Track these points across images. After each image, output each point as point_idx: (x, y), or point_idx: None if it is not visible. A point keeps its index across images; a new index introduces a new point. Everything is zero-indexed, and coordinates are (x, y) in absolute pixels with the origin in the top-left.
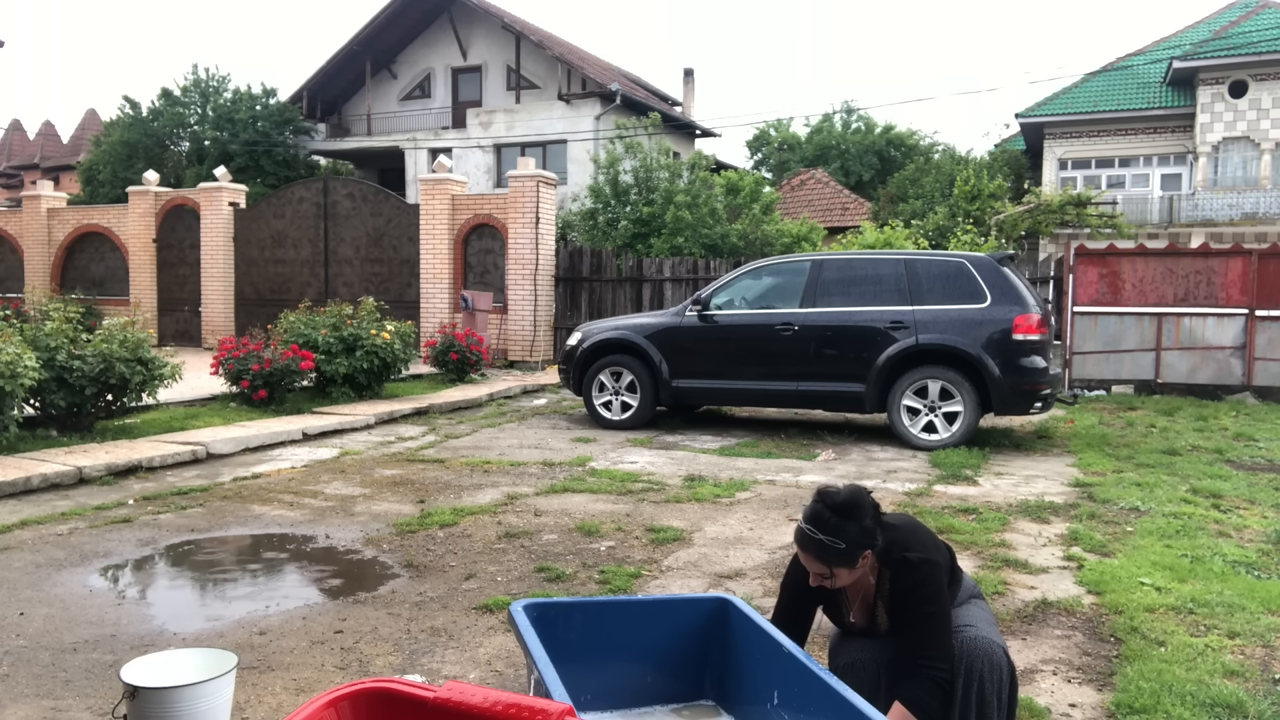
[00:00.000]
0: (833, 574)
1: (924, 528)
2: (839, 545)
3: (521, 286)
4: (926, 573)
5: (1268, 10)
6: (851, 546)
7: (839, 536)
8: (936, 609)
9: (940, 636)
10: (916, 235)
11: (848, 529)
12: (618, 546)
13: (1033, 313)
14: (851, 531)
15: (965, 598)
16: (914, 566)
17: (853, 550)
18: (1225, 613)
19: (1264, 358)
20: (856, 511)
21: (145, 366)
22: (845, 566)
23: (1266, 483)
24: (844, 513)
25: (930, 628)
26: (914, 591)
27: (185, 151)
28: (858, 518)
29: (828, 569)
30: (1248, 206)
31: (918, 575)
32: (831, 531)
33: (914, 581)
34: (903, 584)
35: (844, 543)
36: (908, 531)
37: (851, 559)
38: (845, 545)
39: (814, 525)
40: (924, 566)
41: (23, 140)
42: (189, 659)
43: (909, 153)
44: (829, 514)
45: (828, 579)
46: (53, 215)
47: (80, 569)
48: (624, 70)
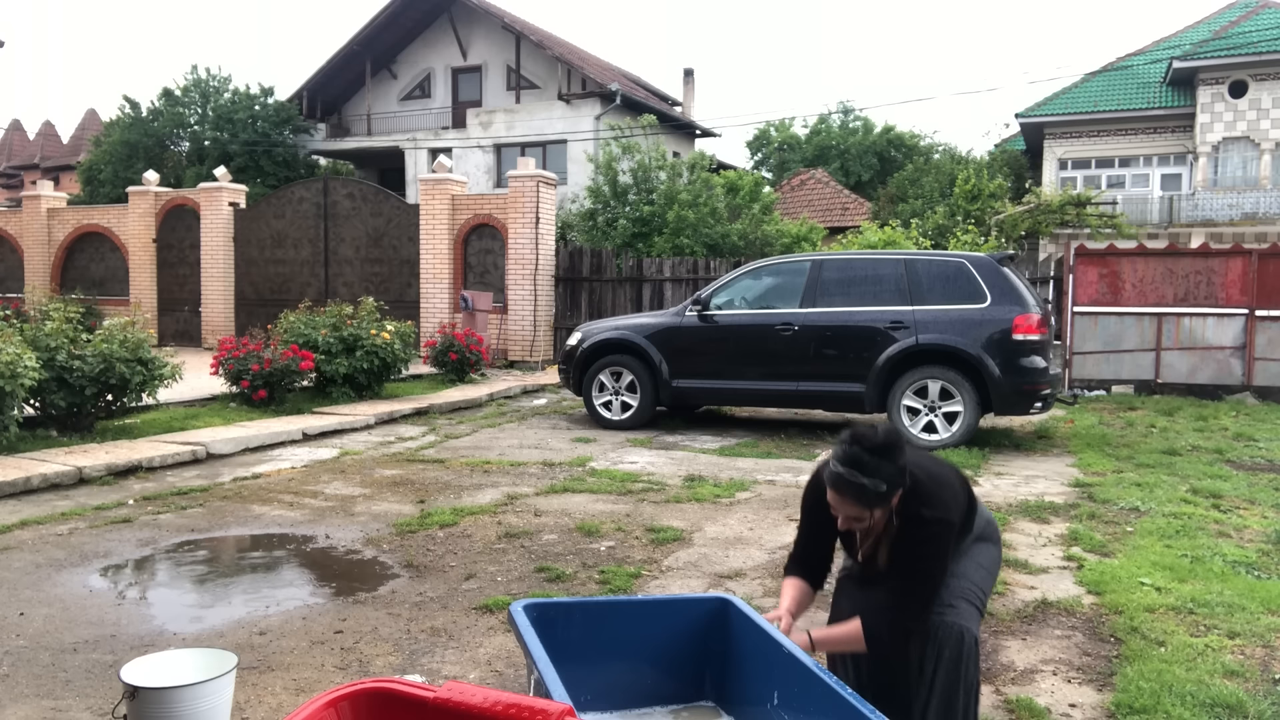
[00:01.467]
0: (870, 515)
1: (946, 472)
2: (880, 488)
3: (521, 286)
4: (935, 532)
5: (1268, 10)
6: (891, 487)
7: (879, 477)
8: (930, 571)
9: (924, 596)
10: (917, 235)
11: (886, 470)
12: (618, 546)
13: (1033, 313)
14: (889, 472)
15: (972, 541)
16: (925, 524)
17: (891, 491)
18: (1225, 613)
19: (1264, 358)
20: (895, 450)
21: (145, 366)
22: (882, 507)
23: (1266, 483)
24: (884, 453)
25: (919, 585)
26: (918, 548)
27: (185, 151)
28: (895, 457)
29: (867, 511)
30: (1248, 206)
31: (926, 533)
32: (871, 473)
33: (921, 538)
34: (910, 537)
35: (885, 483)
36: (930, 482)
37: (889, 499)
38: (886, 486)
39: (853, 468)
40: (934, 526)
41: (23, 140)
42: (189, 659)
43: (909, 153)
44: (868, 456)
45: (862, 521)
46: (53, 215)
47: (80, 569)
48: (624, 70)
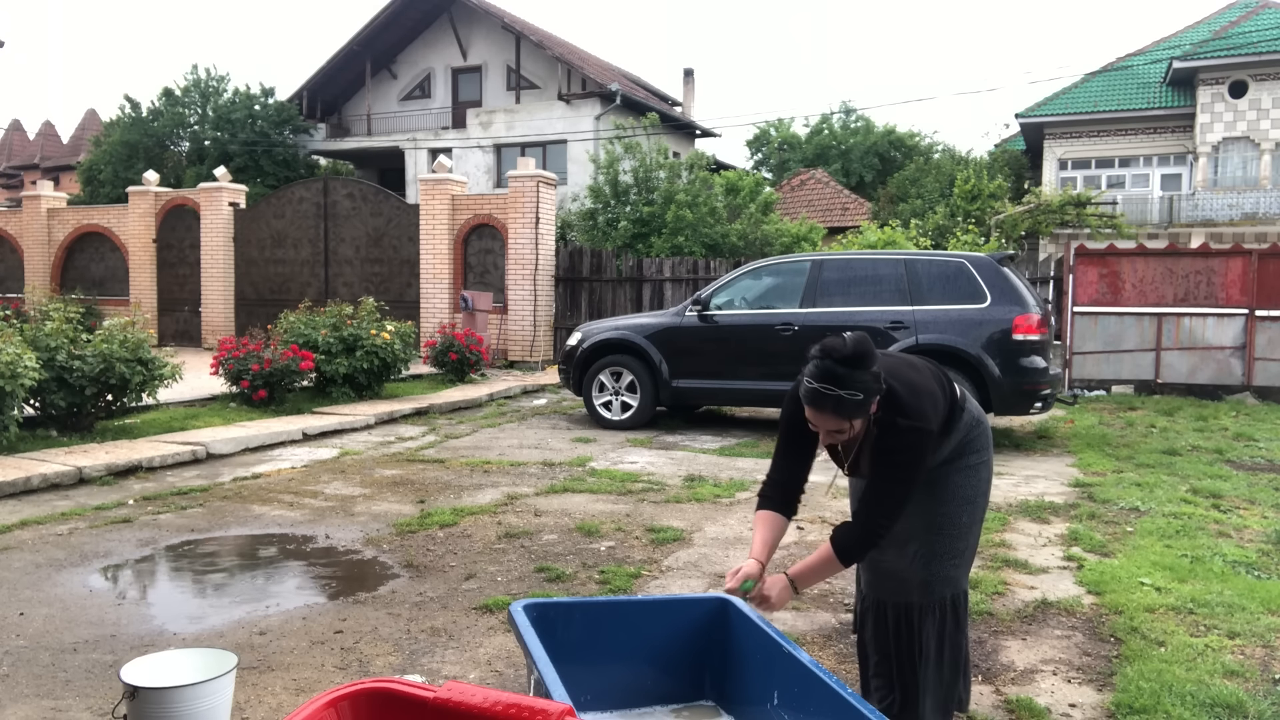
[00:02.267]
0: (850, 426)
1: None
2: (857, 396)
3: (521, 286)
4: (910, 441)
5: (1268, 10)
6: (868, 395)
7: (855, 388)
8: (903, 477)
9: (893, 503)
10: (917, 236)
11: (860, 378)
12: (618, 546)
13: (1033, 313)
14: (865, 380)
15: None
16: (900, 433)
17: (869, 399)
18: (1225, 613)
19: (1264, 358)
20: (867, 359)
21: (145, 367)
22: (861, 416)
23: (1266, 483)
24: (856, 363)
25: (889, 492)
26: (891, 455)
27: (185, 151)
28: (868, 364)
29: (846, 422)
30: (1248, 206)
31: (901, 442)
32: (847, 384)
33: (895, 446)
34: (885, 444)
35: (861, 392)
36: (906, 390)
37: (867, 408)
38: (863, 395)
39: (828, 381)
40: (909, 434)
41: (23, 140)
42: (189, 659)
43: (909, 153)
44: (841, 367)
45: (843, 433)
46: (53, 215)
47: (80, 569)
48: (624, 70)
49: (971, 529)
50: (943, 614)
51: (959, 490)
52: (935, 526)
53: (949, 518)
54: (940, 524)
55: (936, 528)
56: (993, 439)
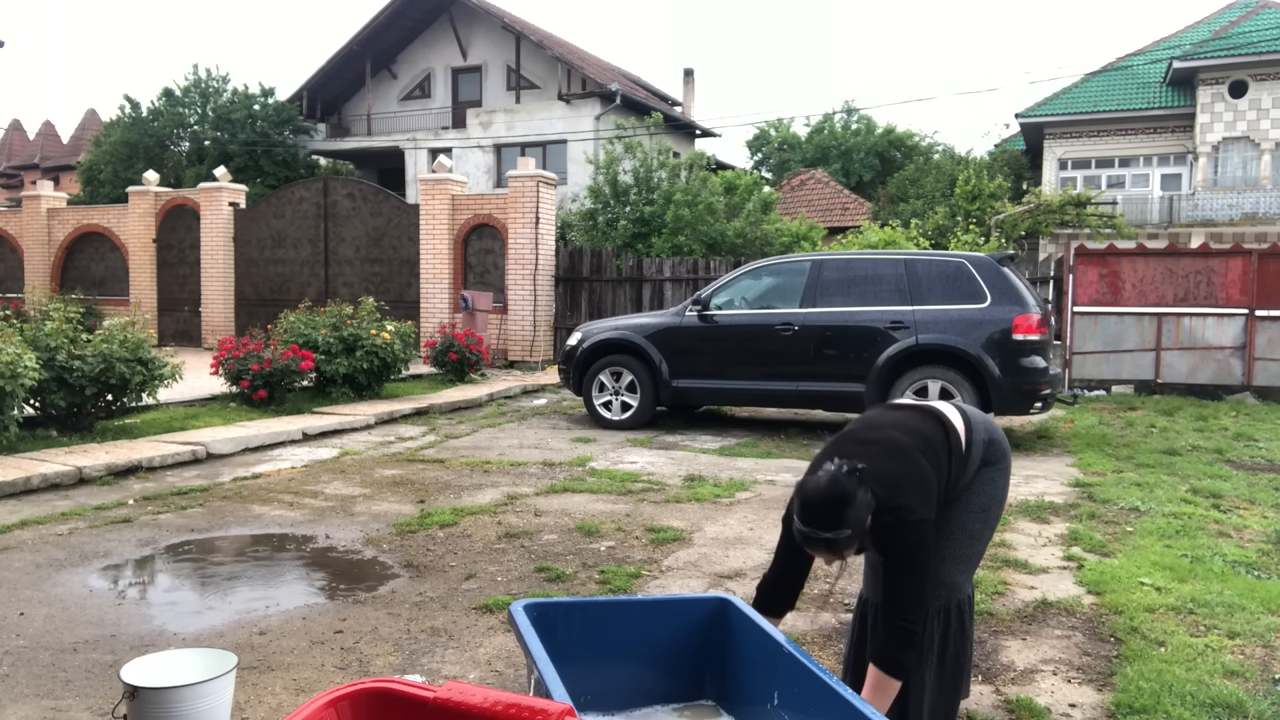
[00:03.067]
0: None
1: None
2: (844, 533)
3: (521, 286)
4: (900, 533)
5: (1268, 10)
6: (856, 528)
7: (841, 527)
8: (908, 564)
9: (910, 593)
10: (917, 236)
11: (846, 516)
12: (618, 546)
13: (1033, 313)
14: (849, 517)
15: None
16: (885, 528)
17: (859, 529)
18: (1225, 613)
19: (1264, 358)
20: (847, 498)
21: (145, 366)
22: (854, 545)
23: (1266, 483)
24: (837, 504)
25: (902, 585)
26: (888, 549)
27: (185, 151)
28: (849, 503)
29: (841, 555)
30: (1248, 206)
31: (891, 535)
32: (834, 526)
33: (887, 540)
34: (880, 541)
35: (849, 528)
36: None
37: (859, 538)
38: (851, 530)
39: (814, 527)
40: (895, 529)
41: (23, 140)
42: (189, 659)
43: (909, 153)
44: (822, 512)
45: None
46: (53, 215)
47: (80, 569)
48: (624, 70)
49: (982, 535)
50: (947, 618)
51: (974, 498)
52: (946, 531)
53: (961, 524)
54: (951, 529)
55: (948, 533)
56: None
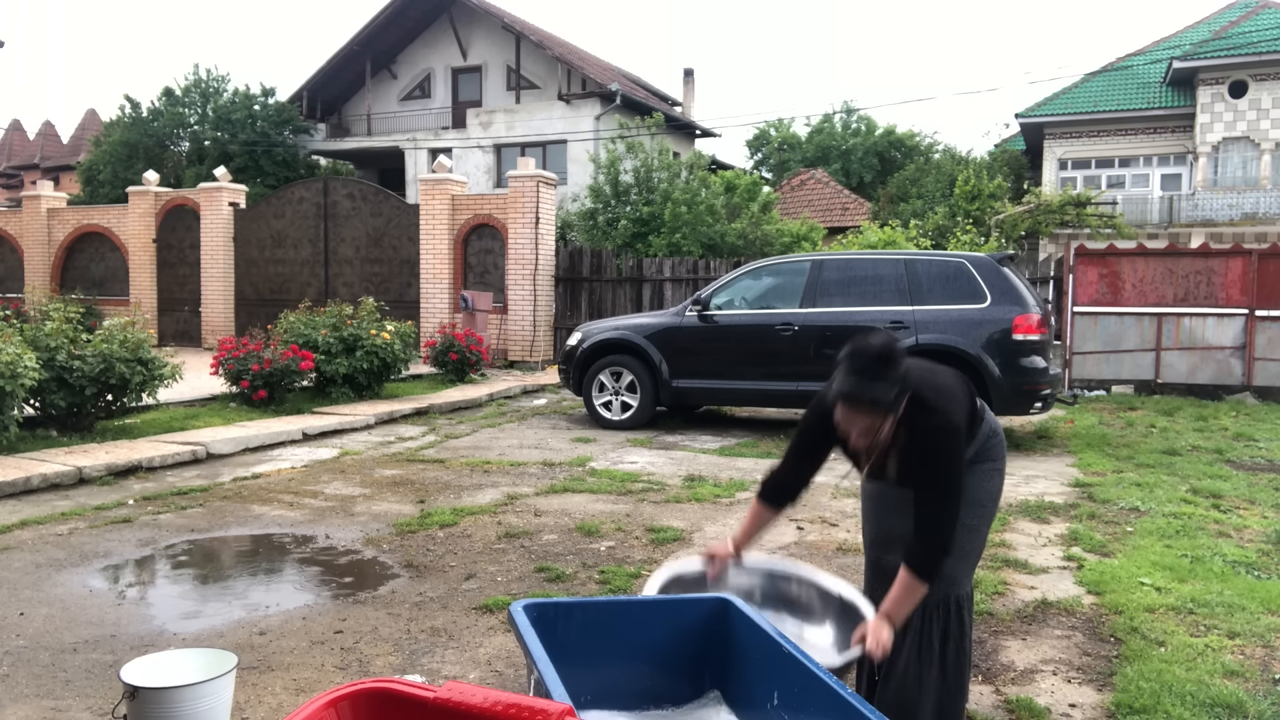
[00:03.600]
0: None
1: (947, 380)
2: (890, 393)
3: (521, 286)
4: (943, 440)
5: (1268, 10)
6: (900, 392)
7: (887, 383)
8: (948, 475)
9: (947, 504)
10: (918, 236)
11: (891, 375)
12: (618, 546)
13: (1033, 313)
14: (895, 376)
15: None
16: (932, 433)
17: (900, 396)
18: (1225, 613)
19: (1264, 358)
20: (895, 356)
21: (145, 367)
22: (892, 413)
23: (1266, 483)
24: (885, 359)
25: (940, 495)
26: (929, 457)
27: (185, 151)
28: (897, 362)
29: (879, 419)
30: (1248, 206)
31: (935, 441)
32: (879, 379)
33: (930, 446)
34: (921, 447)
35: (893, 388)
36: (932, 390)
37: (898, 404)
38: (896, 391)
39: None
40: (940, 434)
41: (23, 140)
42: (189, 659)
43: (909, 153)
44: (872, 363)
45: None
46: (53, 215)
47: (80, 569)
48: (624, 70)
49: (978, 531)
50: (947, 614)
51: (969, 493)
52: None
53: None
54: None
55: None
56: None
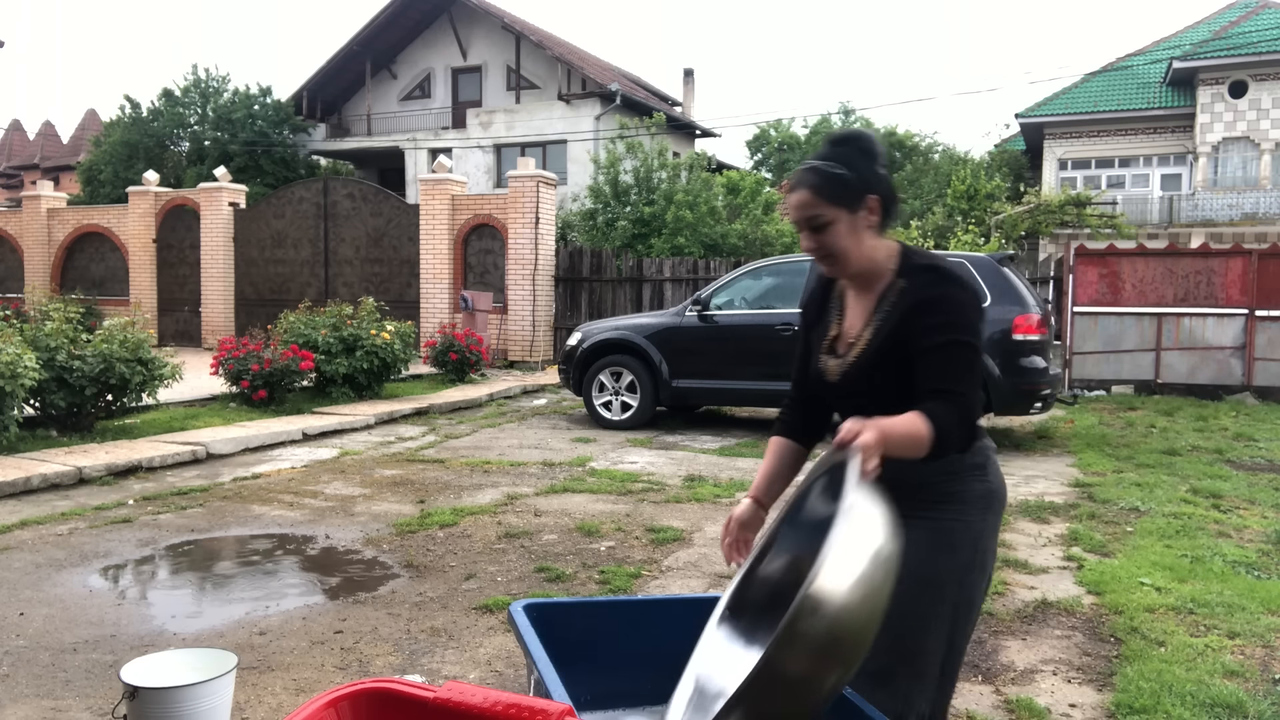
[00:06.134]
0: (826, 219)
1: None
2: (837, 169)
3: (521, 286)
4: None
5: (1268, 10)
6: (855, 175)
7: (841, 161)
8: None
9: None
10: (918, 236)
11: (851, 157)
12: (618, 546)
13: (1033, 313)
14: (858, 161)
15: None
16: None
17: (856, 181)
18: (1225, 613)
19: (1264, 358)
20: (861, 141)
21: (145, 367)
22: (843, 206)
23: (1266, 483)
24: (845, 141)
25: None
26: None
27: (185, 151)
28: (863, 149)
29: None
30: (1248, 206)
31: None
32: (831, 157)
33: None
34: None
35: (845, 168)
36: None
37: (852, 195)
38: (847, 171)
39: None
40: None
41: (23, 140)
42: (189, 659)
43: (908, 153)
44: (826, 146)
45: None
46: (53, 215)
47: (80, 569)
48: (624, 70)
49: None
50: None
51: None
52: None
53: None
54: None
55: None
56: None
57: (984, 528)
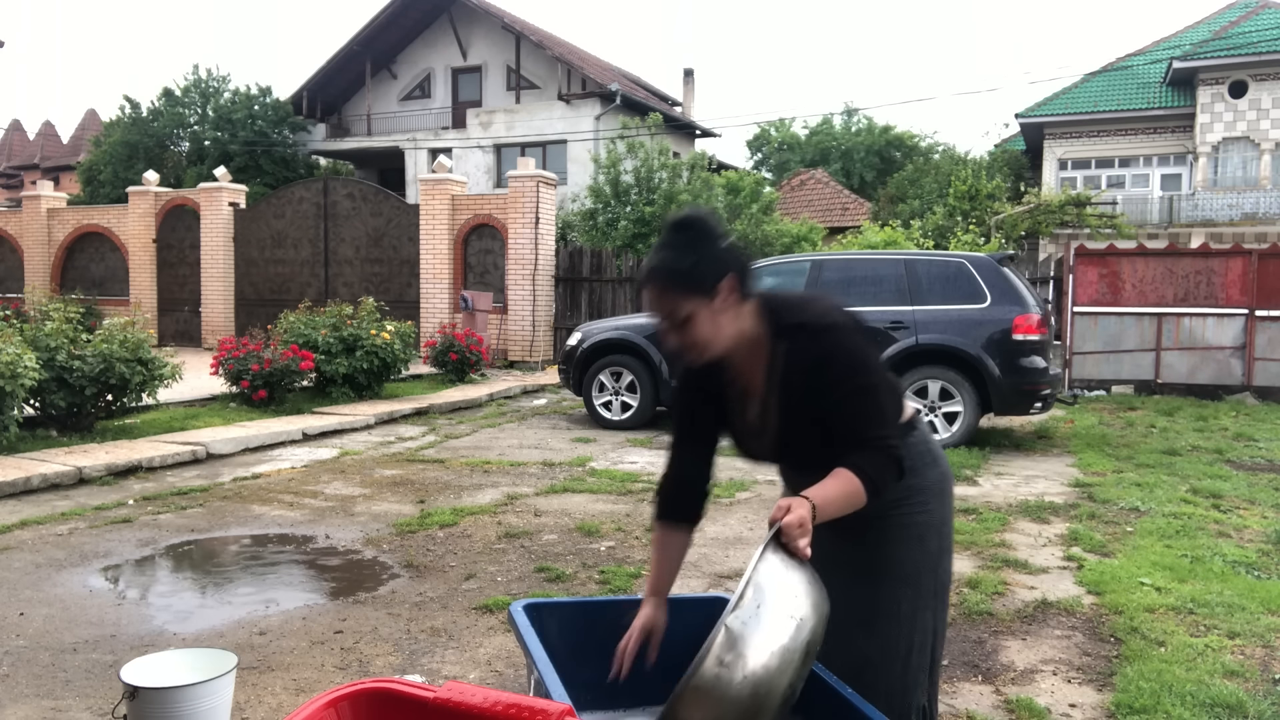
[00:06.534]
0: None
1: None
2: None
3: (521, 286)
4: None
5: (1268, 10)
6: (704, 262)
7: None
8: (866, 381)
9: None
10: (918, 236)
11: (696, 245)
12: (618, 546)
13: (1033, 313)
14: (702, 247)
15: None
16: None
17: (706, 268)
18: (1225, 613)
19: (1264, 358)
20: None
21: (145, 367)
22: (700, 295)
23: (1266, 483)
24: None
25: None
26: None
27: (185, 151)
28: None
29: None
30: (1248, 206)
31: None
32: (674, 246)
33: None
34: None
35: (692, 256)
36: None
37: (704, 282)
38: (695, 259)
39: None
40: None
41: (23, 140)
42: (189, 659)
43: (909, 153)
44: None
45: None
46: (53, 215)
47: (80, 569)
48: (624, 70)
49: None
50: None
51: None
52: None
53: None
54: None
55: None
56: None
57: (945, 513)
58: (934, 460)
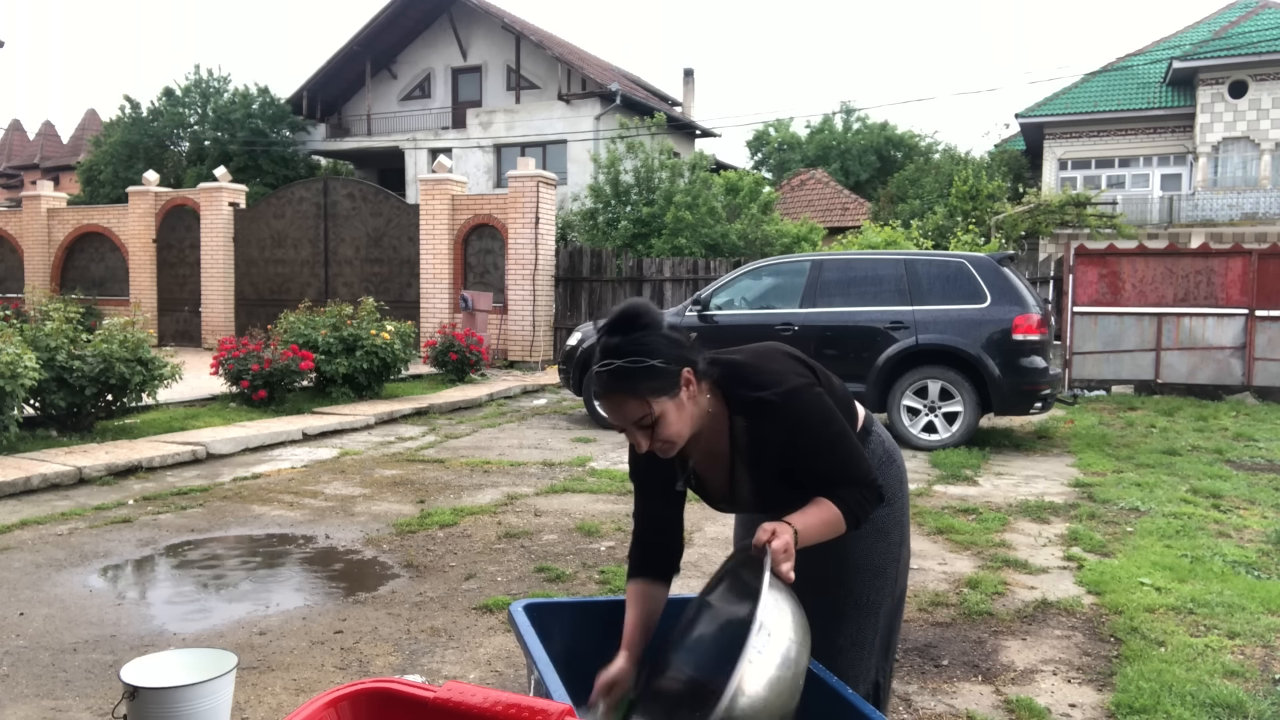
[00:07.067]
0: (655, 414)
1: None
2: (643, 361)
3: (521, 286)
4: (799, 404)
5: (1268, 10)
6: (664, 359)
7: (640, 352)
8: (838, 429)
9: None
10: (918, 236)
11: (646, 341)
12: (618, 546)
13: (1033, 313)
14: (654, 342)
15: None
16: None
17: (666, 366)
18: (1225, 613)
19: (1264, 358)
20: (642, 317)
21: (145, 367)
22: (665, 394)
23: (1266, 483)
24: (628, 325)
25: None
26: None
27: (185, 151)
28: (649, 324)
29: (645, 403)
30: (1248, 206)
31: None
32: (625, 351)
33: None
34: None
35: (645, 356)
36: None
37: (667, 380)
38: (653, 359)
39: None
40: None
41: (23, 140)
42: (189, 659)
43: (909, 153)
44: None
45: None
46: (53, 215)
47: (80, 569)
48: (624, 70)
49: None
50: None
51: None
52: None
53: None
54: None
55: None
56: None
57: (904, 504)
58: (890, 458)
